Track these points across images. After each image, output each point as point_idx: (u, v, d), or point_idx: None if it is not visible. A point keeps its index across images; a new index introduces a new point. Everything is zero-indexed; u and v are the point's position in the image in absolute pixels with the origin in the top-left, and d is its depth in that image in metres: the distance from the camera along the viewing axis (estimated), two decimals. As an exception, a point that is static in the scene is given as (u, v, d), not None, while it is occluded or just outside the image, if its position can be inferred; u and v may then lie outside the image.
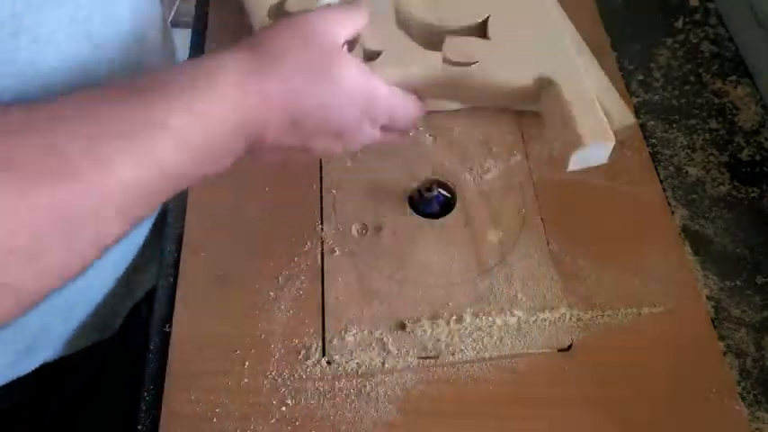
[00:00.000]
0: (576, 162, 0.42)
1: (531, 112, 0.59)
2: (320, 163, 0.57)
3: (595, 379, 0.46)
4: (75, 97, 0.33)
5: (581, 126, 0.41)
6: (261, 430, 0.44)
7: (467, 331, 0.48)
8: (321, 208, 0.55)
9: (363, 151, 0.58)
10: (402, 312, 0.49)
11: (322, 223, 0.54)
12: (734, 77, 0.62)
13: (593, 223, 0.53)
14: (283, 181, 0.56)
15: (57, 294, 0.44)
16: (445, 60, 0.44)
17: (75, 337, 0.55)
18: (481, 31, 0.47)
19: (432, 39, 0.46)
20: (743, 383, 0.46)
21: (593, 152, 0.42)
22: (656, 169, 0.56)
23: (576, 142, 0.41)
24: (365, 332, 0.48)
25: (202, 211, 0.55)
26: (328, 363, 0.47)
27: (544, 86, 0.44)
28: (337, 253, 0.52)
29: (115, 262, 0.56)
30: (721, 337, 0.47)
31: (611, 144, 0.41)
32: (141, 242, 0.58)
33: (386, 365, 0.47)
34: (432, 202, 0.54)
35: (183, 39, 0.67)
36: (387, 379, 0.46)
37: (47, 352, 0.54)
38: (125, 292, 0.59)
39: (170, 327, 0.49)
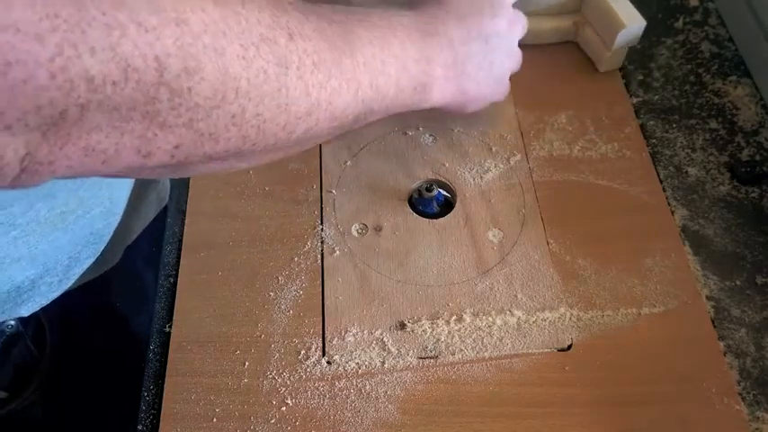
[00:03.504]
0: (620, 41, 0.59)
1: (530, 112, 0.59)
2: (320, 163, 0.57)
3: (595, 379, 0.46)
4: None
5: (620, 14, 0.57)
6: (261, 430, 0.44)
7: (467, 331, 0.48)
8: (321, 208, 0.55)
9: (363, 151, 0.58)
10: (402, 312, 0.49)
11: (322, 223, 0.54)
12: (734, 77, 0.62)
13: (593, 223, 0.53)
14: (283, 181, 0.56)
15: (89, 225, 0.54)
16: None
17: (91, 268, 0.58)
18: None
19: None
20: (743, 383, 0.46)
21: (631, 32, 0.58)
22: (656, 169, 0.56)
23: (619, 26, 0.57)
24: (365, 332, 0.48)
25: (202, 211, 0.55)
26: (328, 363, 0.47)
27: None
28: (337, 253, 0.52)
29: (127, 193, 0.59)
30: (721, 337, 0.47)
31: (642, 24, 0.58)
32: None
33: (386, 365, 0.47)
34: (432, 202, 0.54)
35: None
36: (387, 379, 0.46)
37: (69, 282, 0.57)
38: (125, 230, 0.63)
39: (170, 327, 0.49)
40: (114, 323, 0.73)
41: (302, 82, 0.34)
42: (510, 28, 0.50)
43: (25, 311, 0.54)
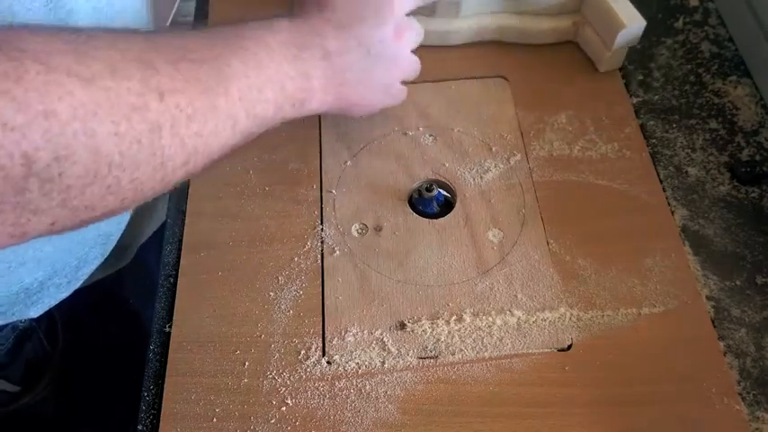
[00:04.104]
0: (620, 41, 0.58)
1: (530, 112, 0.59)
2: (320, 163, 0.57)
3: (595, 379, 0.46)
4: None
5: (621, 14, 0.57)
6: (261, 430, 0.44)
7: (467, 331, 0.48)
8: (321, 208, 0.55)
9: (363, 151, 0.58)
10: (402, 312, 0.49)
11: (322, 223, 0.54)
12: (734, 77, 0.62)
13: (593, 223, 0.53)
14: (283, 181, 0.56)
15: (96, 227, 0.50)
16: None
17: (101, 268, 0.59)
18: None
19: None
20: (743, 383, 0.46)
21: (631, 32, 0.58)
22: (656, 169, 0.56)
23: (619, 26, 0.57)
24: (365, 332, 0.48)
25: (202, 211, 0.55)
26: (328, 363, 0.47)
27: None
28: (337, 253, 0.52)
29: None
30: (721, 337, 0.47)
31: (642, 24, 0.58)
32: None
33: (386, 365, 0.47)
34: (432, 202, 0.54)
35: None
36: (387, 379, 0.46)
37: (78, 282, 0.57)
38: (137, 229, 0.65)
39: (170, 327, 0.49)
40: (127, 320, 0.73)
41: (177, 138, 0.34)
42: (397, 36, 0.49)
43: (34, 312, 0.54)
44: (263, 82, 0.40)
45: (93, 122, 0.30)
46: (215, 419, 0.45)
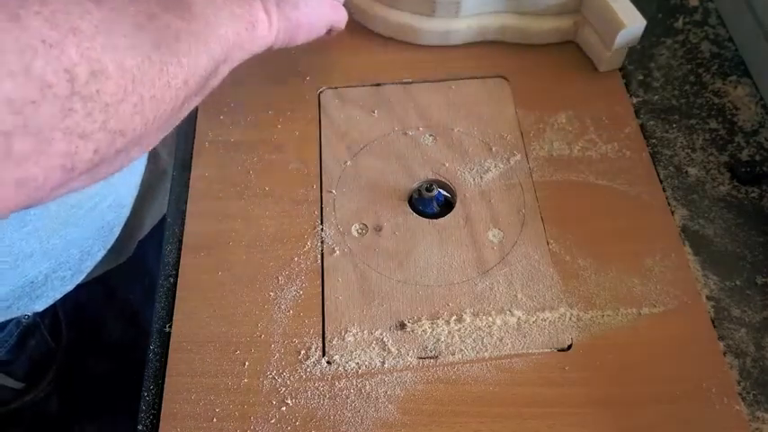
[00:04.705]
0: (620, 41, 0.58)
1: (530, 112, 0.59)
2: (320, 163, 0.57)
3: (595, 379, 0.46)
4: None
5: (620, 14, 0.57)
6: (261, 430, 0.44)
7: (467, 331, 0.48)
8: (321, 208, 0.55)
9: (363, 151, 0.58)
10: (402, 312, 0.49)
11: (322, 223, 0.54)
12: (734, 77, 0.62)
13: (593, 223, 0.53)
14: (283, 181, 0.56)
15: (99, 218, 0.55)
16: None
17: (103, 261, 0.60)
18: None
19: None
20: (743, 383, 0.46)
21: (631, 32, 0.58)
22: (656, 169, 0.56)
23: (619, 26, 0.57)
24: (365, 332, 0.48)
25: (202, 211, 0.55)
26: (328, 363, 0.47)
27: None
28: (337, 253, 0.52)
29: (135, 186, 0.61)
30: (721, 337, 0.47)
31: (642, 24, 0.58)
32: (142, 177, 0.63)
33: (386, 365, 0.47)
34: (432, 202, 0.54)
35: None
36: (387, 379, 0.46)
37: (82, 275, 0.58)
38: (137, 223, 0.65)
39: (170, 327, 0.49)
40: (129, 318, 0.74)
41: (174, 57, 0.36)
42: None
43: (39, 306, 0.55)
44: (216, 10, 0.42)
45: (113, 37, 0.32)
46: (215, 419, 0.45)
